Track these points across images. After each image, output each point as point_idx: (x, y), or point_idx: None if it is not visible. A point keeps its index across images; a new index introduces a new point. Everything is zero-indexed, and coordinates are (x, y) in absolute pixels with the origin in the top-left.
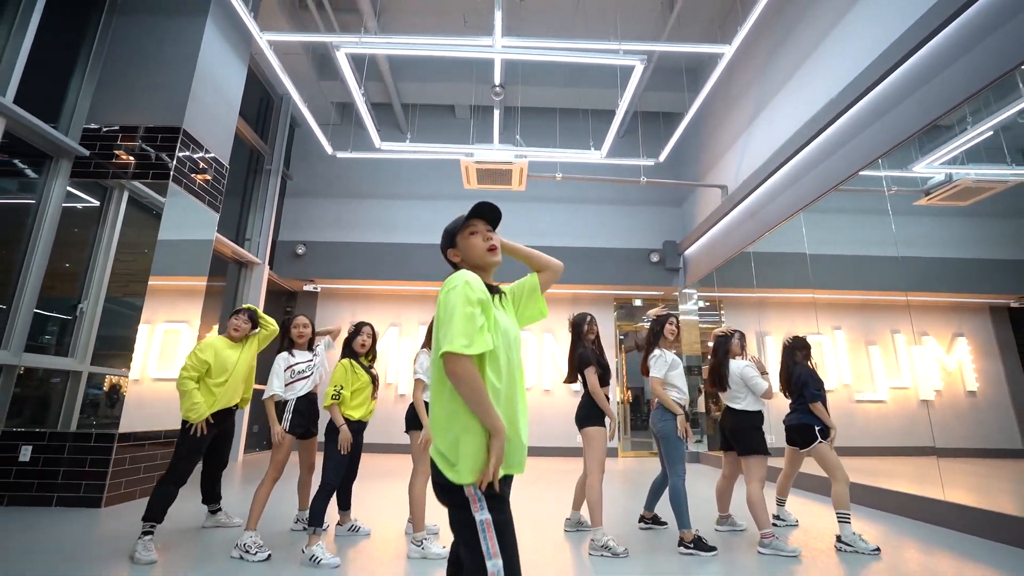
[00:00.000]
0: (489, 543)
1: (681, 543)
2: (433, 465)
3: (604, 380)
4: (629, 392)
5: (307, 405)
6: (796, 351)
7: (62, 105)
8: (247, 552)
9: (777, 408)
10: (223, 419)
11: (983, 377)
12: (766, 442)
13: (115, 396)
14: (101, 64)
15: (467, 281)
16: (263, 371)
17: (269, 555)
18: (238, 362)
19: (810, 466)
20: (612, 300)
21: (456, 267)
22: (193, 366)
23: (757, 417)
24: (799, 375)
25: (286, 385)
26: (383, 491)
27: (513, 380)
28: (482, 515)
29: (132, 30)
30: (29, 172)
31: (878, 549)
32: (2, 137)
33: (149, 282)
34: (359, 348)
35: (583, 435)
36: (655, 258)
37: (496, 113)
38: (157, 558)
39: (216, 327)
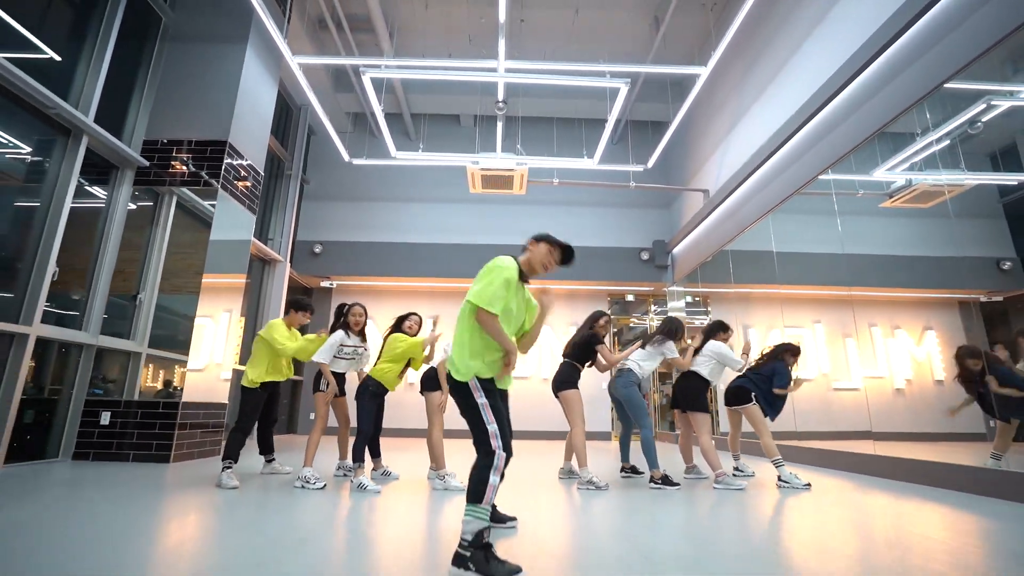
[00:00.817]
0: (487, 414)
1: (652, 480)
2: (450, 377)
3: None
4: None
5: (339, 377)
6: (787, 353)
7: (124, 121)
8: (307, 483)
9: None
10: (273, 387)
11: (950, 367)
12: (707, 403)
13: (171, 376)
14: (157, 85)
15: (513, 267)
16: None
17: (325, 485)
18: (289, 346)
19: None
20: (606, 296)
21: (523, 250)
22: (283, 335)
23: (705, 384)
24: (777, 368)
25: (333, 358)
26: (405, 455)
27: None
28: (480, 399)
29: (182, 55)
30: (104, 179)
31: (809, 485)
32: (85, 151)
33: (203, 279)
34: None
35: (561, 398)
36: (645, 256)
37: (499, 125)
38: (239, 484)
39: (243, 319)
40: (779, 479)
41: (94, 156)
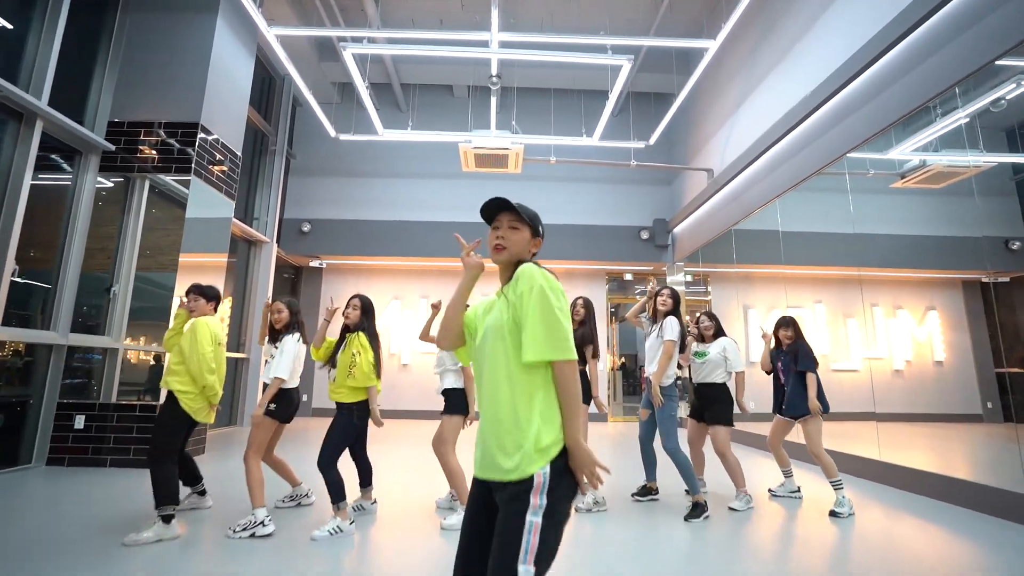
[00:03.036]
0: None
1: (693, 510)
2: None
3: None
4: (622, 359)
5: (297, 393)
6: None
7: (86, 102)
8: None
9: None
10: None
11: (950, 348)
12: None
13: (148, 370)
14: (120, 62)
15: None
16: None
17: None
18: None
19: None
20: (604, 275)
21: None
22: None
23: (729, 393)
24: (801, 348)
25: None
26: (402, 460)
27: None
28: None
29: (147, 28)
30: (65, 166)
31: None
32: (41, 137)
33: (180, 258)
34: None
35: None
36: (645, 235)
37: (493, 100)
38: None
39: (231, 300)
40: (836, 507)
41: (53, 141)
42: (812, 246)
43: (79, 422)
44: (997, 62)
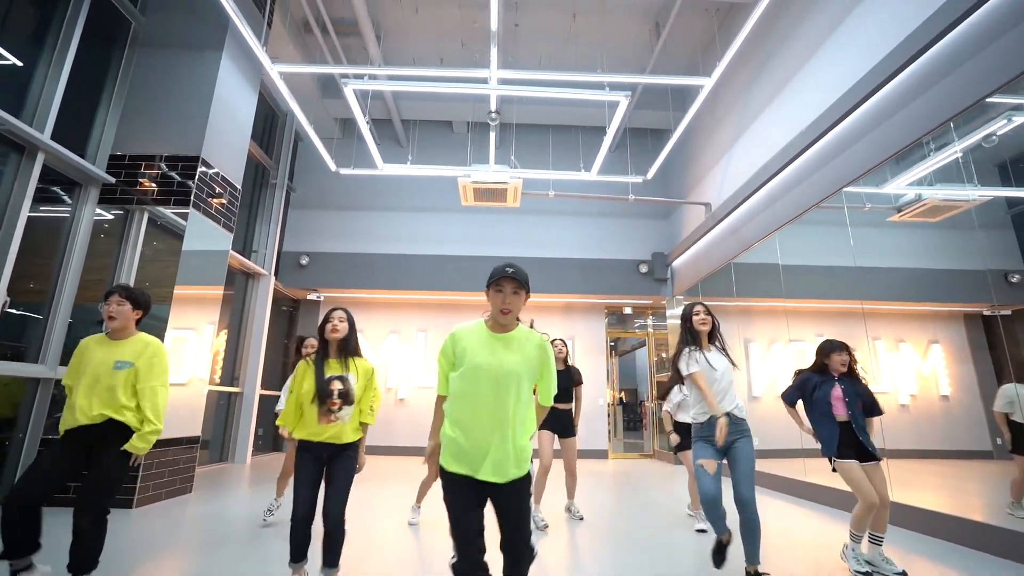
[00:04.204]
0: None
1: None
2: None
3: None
4: (623, 393)
5: None
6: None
7: (89, 134)
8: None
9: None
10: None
11: (956, 382)
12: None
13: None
14: (125, 95)
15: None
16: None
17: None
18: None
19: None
20: (603, 308)
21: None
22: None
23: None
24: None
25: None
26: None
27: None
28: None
29: (153, 63)
30: (64, 198)
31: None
32: (41, 170)
33: (175, 290)
34: None
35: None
36: (644, 269)
37: (492, 136)
38: None
39: (226, 333)
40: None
41: (53, 173)
42: (812, 279)
43: None
44: (988, 99)
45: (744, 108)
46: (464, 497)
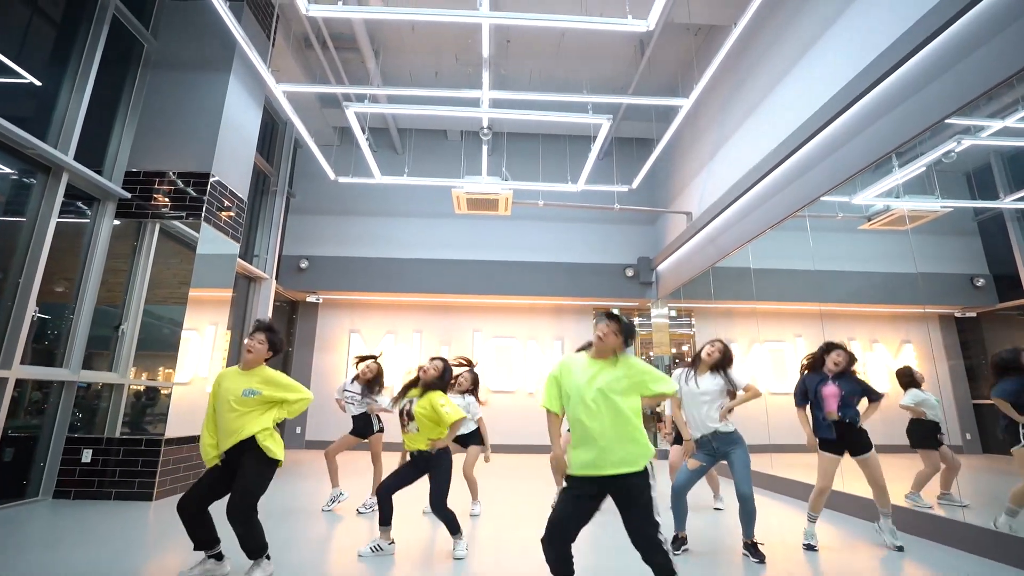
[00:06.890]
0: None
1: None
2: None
3: None
4: None
5: (362, 419)
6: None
7: (106, 152)
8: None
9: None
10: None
11: (928, 380)
12: None
13: (154, 405)
14: (139, 114)
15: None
16: None
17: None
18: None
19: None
20: (591, 311)
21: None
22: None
23: None
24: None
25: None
26: None
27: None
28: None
29: (165, 83)
30: (86, 211)
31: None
32: (65, 187)
33: (188, 302)
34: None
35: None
36: (630, 273)
37: (484, 149)
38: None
39: (229, 335)
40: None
41: (74, 189)
42: (783, 283)
43: (86, 456)
44: (947, 120)
45: (721, 125)
46: (581, 492)
